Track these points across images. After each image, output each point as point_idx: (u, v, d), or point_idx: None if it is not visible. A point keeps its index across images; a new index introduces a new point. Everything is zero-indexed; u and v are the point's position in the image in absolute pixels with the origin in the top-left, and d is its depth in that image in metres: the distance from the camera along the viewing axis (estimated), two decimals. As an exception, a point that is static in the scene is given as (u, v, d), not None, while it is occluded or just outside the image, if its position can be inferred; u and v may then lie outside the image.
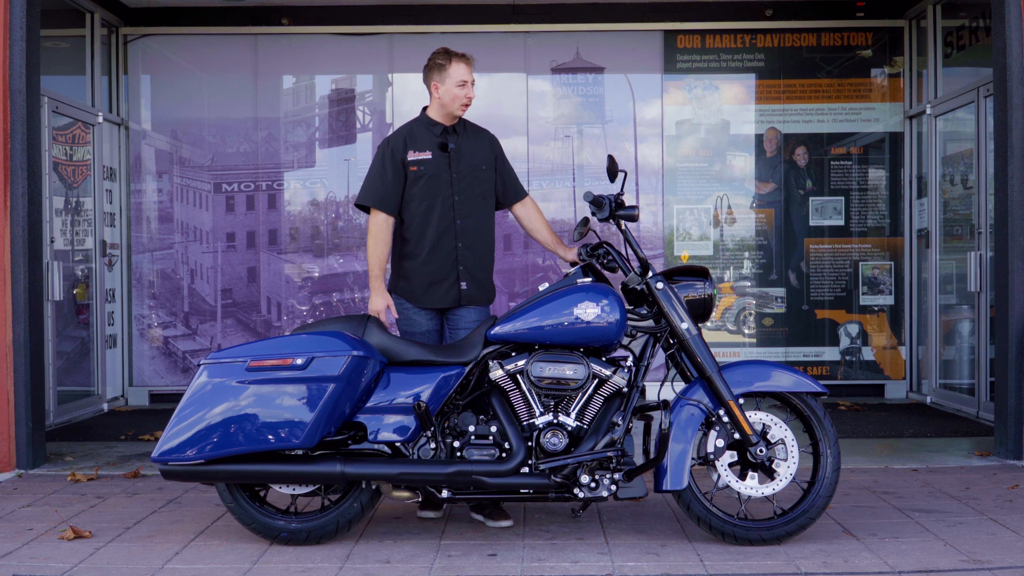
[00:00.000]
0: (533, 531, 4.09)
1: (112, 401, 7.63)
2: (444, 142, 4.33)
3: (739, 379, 3.84)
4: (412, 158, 4.27)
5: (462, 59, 4.32)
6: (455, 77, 4.28)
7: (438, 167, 4.28)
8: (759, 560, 3.68)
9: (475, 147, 4.39)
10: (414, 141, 4.32)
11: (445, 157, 4.30)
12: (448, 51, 4.36)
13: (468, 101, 4.32)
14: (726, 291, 7.90)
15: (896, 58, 7.90)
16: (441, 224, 4.28)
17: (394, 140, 4.35)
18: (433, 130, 4.35)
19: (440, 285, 4.30)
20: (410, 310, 4.33)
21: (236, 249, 7.88)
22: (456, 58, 4.32)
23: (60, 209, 6.92)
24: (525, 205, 4.51)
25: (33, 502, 4.65)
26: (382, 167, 4.30)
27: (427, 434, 3.83)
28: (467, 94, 4.30)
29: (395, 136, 4.38)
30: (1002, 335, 5.44)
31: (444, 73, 4.30)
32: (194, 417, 3.72)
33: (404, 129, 4.41)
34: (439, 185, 4.28)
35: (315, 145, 7.97)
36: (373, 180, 4.33)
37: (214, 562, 3.70)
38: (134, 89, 7.88)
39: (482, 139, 4.45)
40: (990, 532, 4.02)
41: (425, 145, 4.31)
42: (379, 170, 4.31)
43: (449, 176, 4.29)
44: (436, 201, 4.27)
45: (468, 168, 4.33)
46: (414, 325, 4.33)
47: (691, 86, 7.92)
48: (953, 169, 7.27)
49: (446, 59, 4.32)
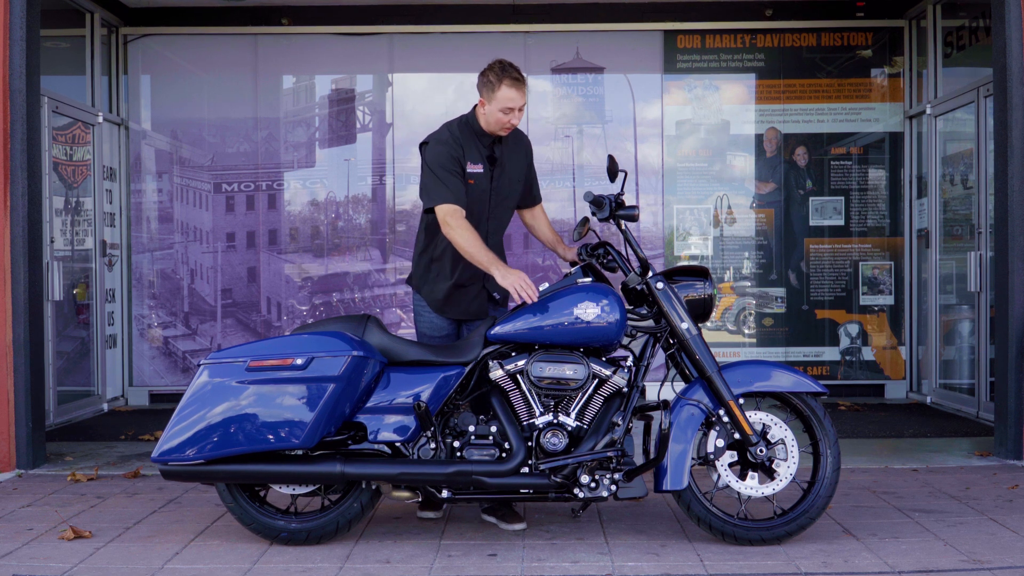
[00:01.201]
0: (533, 531, 4.08)
1: (112, 401, 7.63)
2: (492, 155, 4.21)
3: (739, 379, 3.84)
4: (470, 170, 4.15)
5: (514, 83, 4.05)
6: (501, 101, 4.06)
7: (484, 182, 4.19)
8: (759, 560, 3.68)
9: (514, 159, 4.29)
10: (470, 152, 4.16)
11: (490, 171, 4.20)
12: (504, 70, 4.08)
13: (510, 128, 4.16)
14: (726, 291, 7.90)
15: (896, 58, 7.90)
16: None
17: (454, 148, 4.13)
18: (483, 141, 4.20)
19: (465, 293, 4.25)
20: (433, 315, 4.30)
21: (236, 249, 7.88)
22: (508, 81, 4.05)
23: (60, 209, 6.92)
24: (534, 211, 4.51)
25: (33, 502, 4.65)
26: (449, 164, 4.09)
27: (427, 434, 3.83)
28: (511, 120, 4.11)
29: (452, 142, 4.14)
30: (1002, 335, 5.44)
31: (492, 93, 4.07)
32: (194, 417, 3.72)
33: (457, 135, 4.18)
34: (481, 199, 4.20)
35: (315, 145, 7.97)
36: (444, 180, 4.07)
37: (214, 562, 3.70)
38: (134, 89, 7.88)
39: (520, 147, 4.34)
40: (990, 532, 4.02)
41: (477, 158, 4.17)
42: (445, 167, 4.08)
43: (489, 191, 4.21)
44: (475, 215, 4.17)
45: (506, 184, 4.27)
46: (435, 329, 4.29)
47: (691, 86, 7.92)
48: (953, 169, 7.27)
49: (497, 79, 4.06)
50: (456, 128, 4.23)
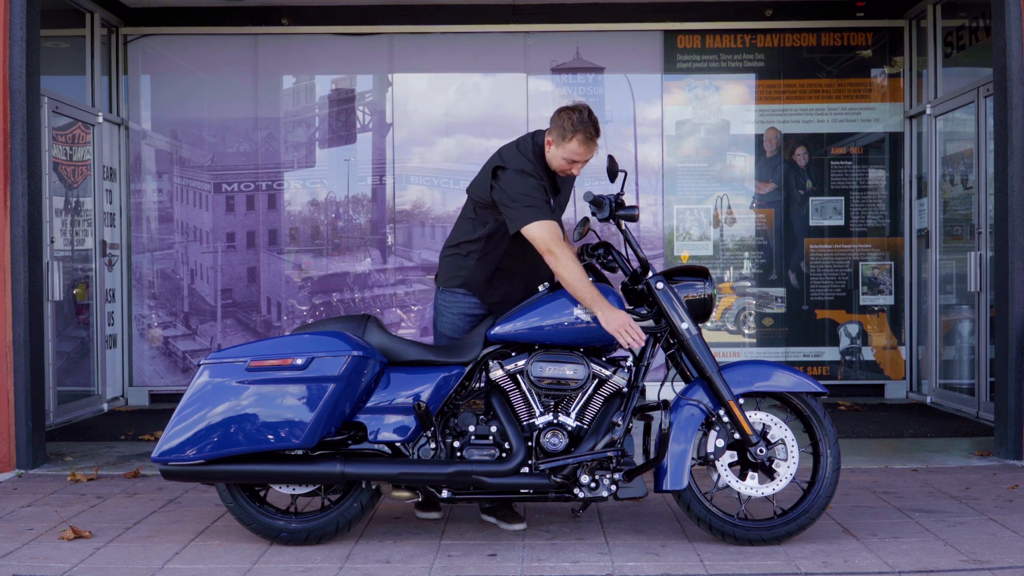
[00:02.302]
0: (533, 531, 4.09)
1: (112, 401, 7.63)
2: (554, 184, 4.16)
3: (739, 379, 3.84)
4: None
5: (587, 140, 3.96)
6: (569, 152, 3.98)
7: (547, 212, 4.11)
8: (759, 560, 3.68)
9: (567, 183, 4.27)
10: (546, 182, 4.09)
11: (550, 203, 4.09)
12: (582, 121, 3.94)
13: (568, 175, 4.11)
14: (726, 291, 7.90)
15: (896, 58, 7.90)
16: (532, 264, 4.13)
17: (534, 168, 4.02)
18: (550, 174, 4.13)
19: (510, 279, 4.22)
20: (456, 315, 4.22)
21: (236, 249, 7.88)
22: (581, 136, 3.94)
23: (60, 209, 6.92)
24: None
25: (33, 502, 4.65)
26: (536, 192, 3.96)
27: (427, 434, 3.83)
28: (572, 171, 4.05)
29: (537, 171, 4.02)
30: (1002, 335, 5.44)
31: (562, 141, 3.97)
32: (194, 417, 3.72)
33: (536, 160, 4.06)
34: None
35: (315, 145, 7.97)
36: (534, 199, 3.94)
37: (214, 562, 3.70)
38: (134, 89, 7.88)
39: (570, 182, 4.31)
40: (990, 532, 4.02)
41: (549, 191, 4.10)
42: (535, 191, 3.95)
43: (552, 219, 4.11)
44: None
45: (559, 209, 4.23)
46: (456, 331, 4.23)
47: (691, 86, 7.92)
48: (953, 169, 7.27)
49: (572, 130, 3.94)
50: (532, 157, 4.08)
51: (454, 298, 4.24)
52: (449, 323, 4.26)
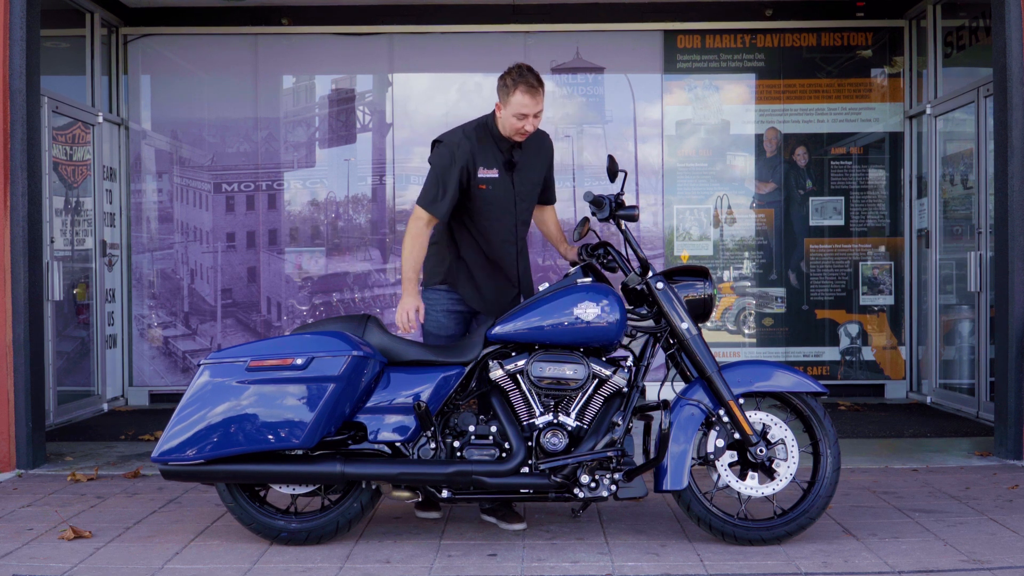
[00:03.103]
0: (533, 531, 4.09)
1: (112, 401, 7.63)
2: (510, 159, 4.17)
3: (739, 379, 3.84)
4: (482, 175, 4.10)
5: (529, 89, 3.98)
6: (515, 107, 4.00)
7: (504, 187, 4.16)
8: (759, 560, 3.68)
9: (534, 161, 4.26)
10: (483, 156, 4.11)
11: (509, 176, 4.17)
12: (520, 74, 4.00)
13: (525, 135, 4.10)
14: (726, 291, 7.90)
15: (896, 58, 7.90)
16: (505, 238, 4.21)
17: (462, 151, 4.07)
18: (501, 145, 4.15)
19: (503, 295, 4.26)
20: (440, 313, 4.27)
21: (236, 249, 7.88)
22: (523, 87, 3.97)
23: (60, 209, 6.92)
24: (545, 208, 4.51)
25: (33, 502, 4.65)
26: (445, 174, 4.07)
27: (427, 434, 3.83)
28: (524, 127, 4.05)
29: (463, 145, 4.09)
30: (1002, 335, 5.44)
31: (507, 98, 4.01)
32: (194, 417, 3.72)
33: (472, 138, 4.12)
34: (505, 203, 4.18)
35: (315, 145, 7.97)
36: (434, 182, 4.09)
37: (214, 562, 3.70)
38: (134, 89, 7.88)
39: (543, 148, 4.31)
40: (990, 532, 4.02)
41: (493, 162, 4.13)
42: (441, 176, 4.08)
43: (513, 195, 4.20)
44: (503, 217, 4.18)
45: (529, 186, 4.26)
46: (442, 328, 4.27)
47: (691, 86, 7.92)
48: (953, 169, 7.27)
49: (513, 84, 3.99)
50: (472, 131, 4.16)
51: (436, 295, 4.28)
52: (435, 321, 4.28)
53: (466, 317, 4.32)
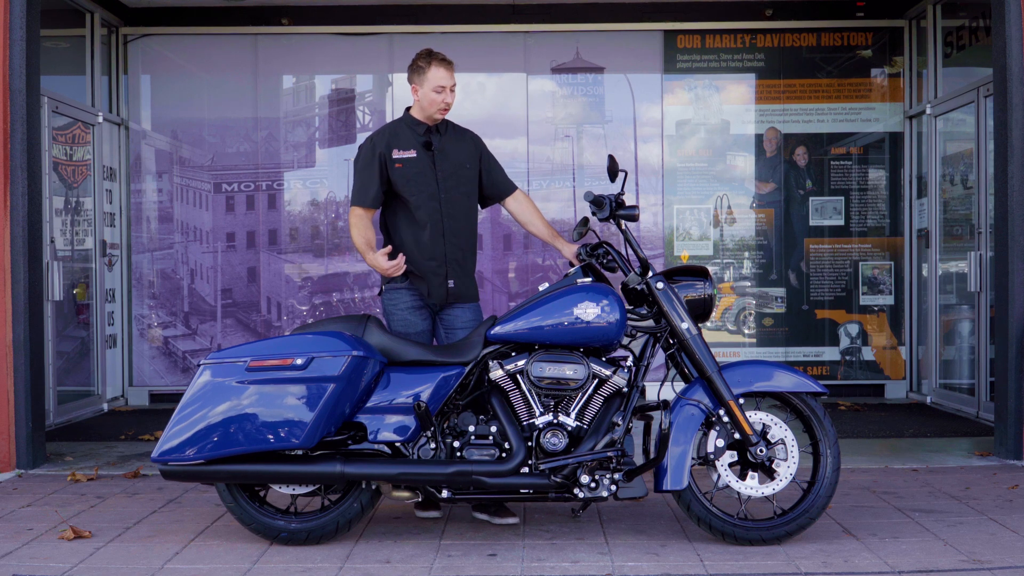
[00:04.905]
0: (533, 531, 4.09)
1: (112, 401, 7.63)
2: (428, 141, 4.32)
3: (739, 379, 3.84)
4: (397, 156, 4.27)
5: (442, 63, 4.27)
6: (432, 81, 4.24)
7: (423, 165, 4.28)
8: (759, 560, 3.68)
9: (458, 147, 4.38)
10: (397, 140, 4.30)
11: (429, 156, 4.29)
12: (430, 53, 4.31)
13: (445, 107, 4.30)
14: (726, 291, 7.90)
15: (896, 58, 7.90)
16: (430, 221, 4.27)
17: (378, 137, 4.33)
18: (417, 129, 4.33)
19: (432, 281, 4.30)
20: (405, 311, 4.31)
21: (236, 249, 7.88)
22: (436, 62, 4.26)
23: (60, 209, 6.92)
24: (517, 199, 4.51)
25: (33, 502, 4.65)
26: (367, 167, 4.30)
27: (427, 434, 3.83)
28: (444, 99, 4.26)
29: (379, 134, 4.36)
30: (1002, 335, 5.44)
31: (423, 76, 4.26)
32: (194, 417, 3.72)
33: (388, 128, 4.39)
34: (426, 183, 4.27)
35: (315, 145, 7.97)
36: (359, 176, 4.34)
37: (214, 562, 3.70)
38: (134, 89, 7.88)
39: (465, 138, 4.44)
40: (990, 532, 4.02)
41: (409, 144, 4.29)
42: (363, 170, 4.32)
43: (435, 174, 4.28)
44: (423, 199, 4.27)
45: (452, 167, 4.33)
46: (409, 326, 4.31)
47: (691, 86, 7.92)
48: (953, 169, 7.27)
49: (426, 62, 4.27)
50: (389, 124, 4.44)
51: (398, 294, 4.33)
52: (401, 320, 4.31)
53: (431, 312, 4.36)
